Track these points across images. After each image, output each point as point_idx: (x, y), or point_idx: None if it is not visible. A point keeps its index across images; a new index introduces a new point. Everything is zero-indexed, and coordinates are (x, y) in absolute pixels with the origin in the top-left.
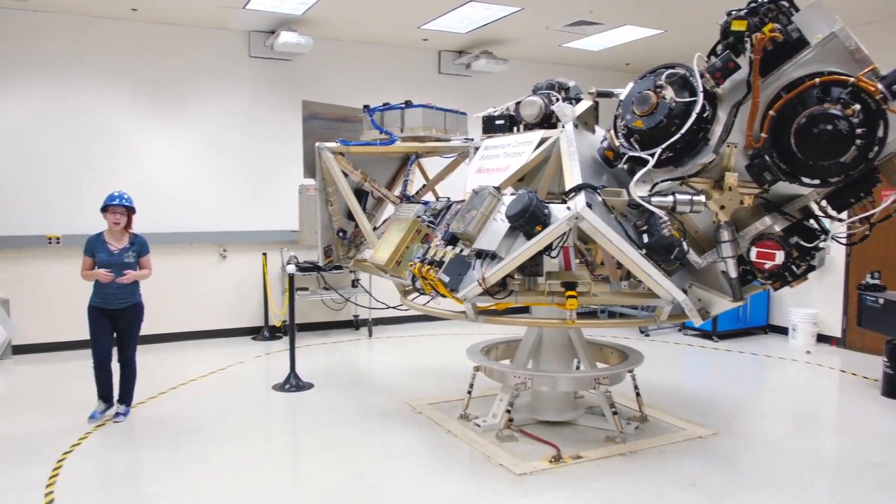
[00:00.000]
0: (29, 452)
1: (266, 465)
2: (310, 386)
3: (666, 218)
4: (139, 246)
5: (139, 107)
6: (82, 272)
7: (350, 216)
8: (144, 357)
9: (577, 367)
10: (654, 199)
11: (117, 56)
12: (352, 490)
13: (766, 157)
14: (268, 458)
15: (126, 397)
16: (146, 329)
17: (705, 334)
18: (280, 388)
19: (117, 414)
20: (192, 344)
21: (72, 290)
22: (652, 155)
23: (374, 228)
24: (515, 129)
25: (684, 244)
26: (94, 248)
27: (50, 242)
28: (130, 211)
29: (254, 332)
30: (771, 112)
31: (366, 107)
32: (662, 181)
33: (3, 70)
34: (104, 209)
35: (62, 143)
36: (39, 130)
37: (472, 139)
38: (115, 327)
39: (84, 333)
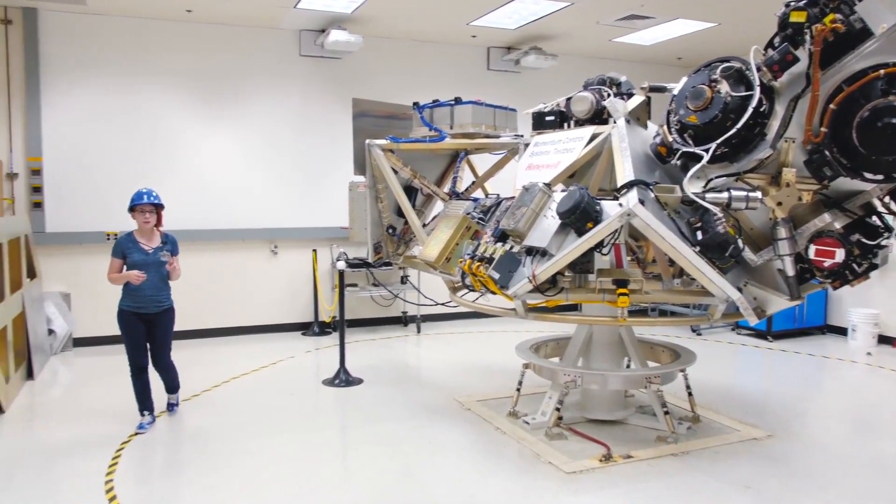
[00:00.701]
0: (90, 441)
1: (316, 458)
2: (359, 381)
3: (720, 214)
4: (171, 245)
5: (193, 105)
6: (109, 275)
7: (400, 213)
8: (197, 350)
9: (628, 366)
10: (708, 195)
11: (173, 56)
12: (400, 485)
13: (826, 153)
14: (318, 451)
15: (173, 387)
16: (199, 323)
17: (759, 334)
18: (329, 382)
19: (171, 405)
20: (243, 338)
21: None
22: (706, 150)
23: (424, 225)
24: (566, 125)
25: (739, 241)
26: (126, 248)
27: (108, 238)
28: (159, 208)
29: (304, 328)
30: (831, 106)
31: (415, 104)
32: (717, 177)
33: (64, 71)
34: (131, 209)
35: (120, 141)
36: (99, 129)
37: (522, 136)
38: (149, 333)
39: None
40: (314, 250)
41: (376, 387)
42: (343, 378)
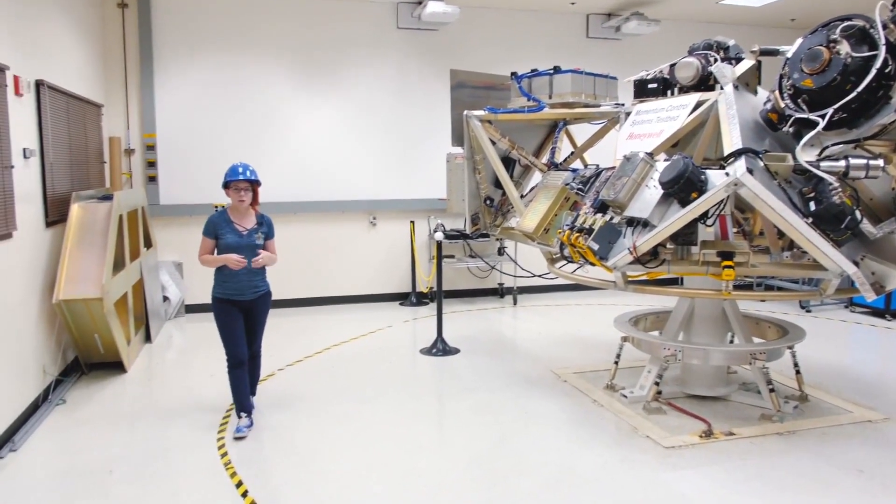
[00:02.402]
0: (201, 401)
1: (415, 425)
2: (456, 351)
3: (836, 184)
4: (267, 227)
5: (294, 80)
6: (201, 256)
7: (497, 184)
8: (299, 319)
9: (731, 341)
10: (823, 163)
11: (274, 32)
12: (497, 453)
13: None
14: (416, 417)
15: (251, 393)
16: (300, 293)
17: (876, 312)
18: (427, 352)
19: (240, 428)
20: (343, 308)
21: None
22: (822, 116)
23: (522, 196)
24: (669, 92)
25: (857, 212)
26: (219, 228)
27: (216, 210)
28: (255, 185)
29: (401, 298)
30: None
31: (513, 74)
32: (833, 144)
33: (175, 51)
34: (226, 185)
35: (226, 116)
36: (206, 105)
37: (623, 104)
38: (245, 320)
39: None
40: (412, 222)
41: (473, 357)
42: (440, 347)
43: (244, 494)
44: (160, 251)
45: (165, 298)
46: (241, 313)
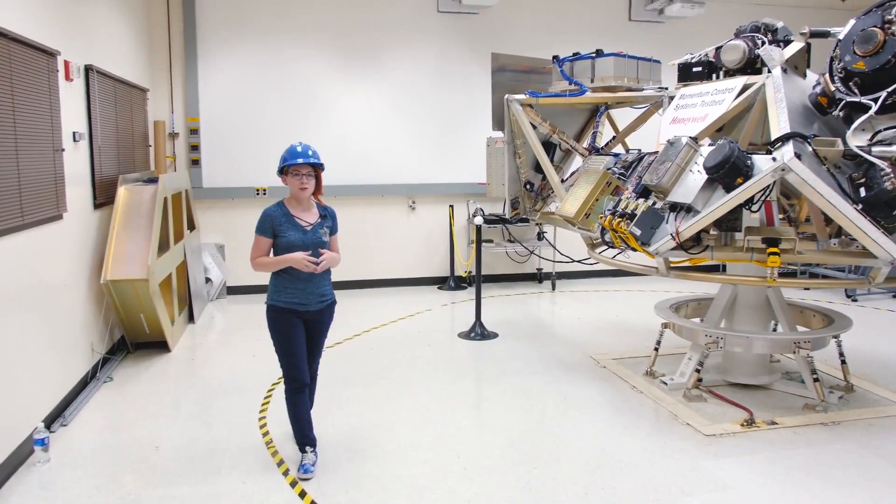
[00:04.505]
0: (244, 381)
1: (453, 408)
2: (494, 335)
3: (888, 170)
4: (332, 220)
5: (335, 63)
6: (256, 259)
7: (538, 168)
8: (339, 301)
9: (775, 329)
10: (874, 148)
11: (315, 14)
12: (535, 437)
13: None
14: (455, 401)
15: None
16: (339, 276)
17: None
18: (465, 336)
19: (305, 468)
20: (381, 291)
21: None
22: (875, 100)
23: (562, 181)
24: (714, 76)
25: None
26: (278, 224)
27: (258, 194)
28: (318, 169)
29: (440, 282)
30: None
31: (555, 57)
32: (886, 129)
33: (217, 34)
34: (283, 170)
35: (267, 100)
36: (249, 89)
37: (667, 88)
38: (306, 334)
39: None
40: (451, 206)
41: (511, 341)
42: (478, 332)
43: (285, 473)
44: (203, 233)
45: (208, 280)
46: (303, 327)
